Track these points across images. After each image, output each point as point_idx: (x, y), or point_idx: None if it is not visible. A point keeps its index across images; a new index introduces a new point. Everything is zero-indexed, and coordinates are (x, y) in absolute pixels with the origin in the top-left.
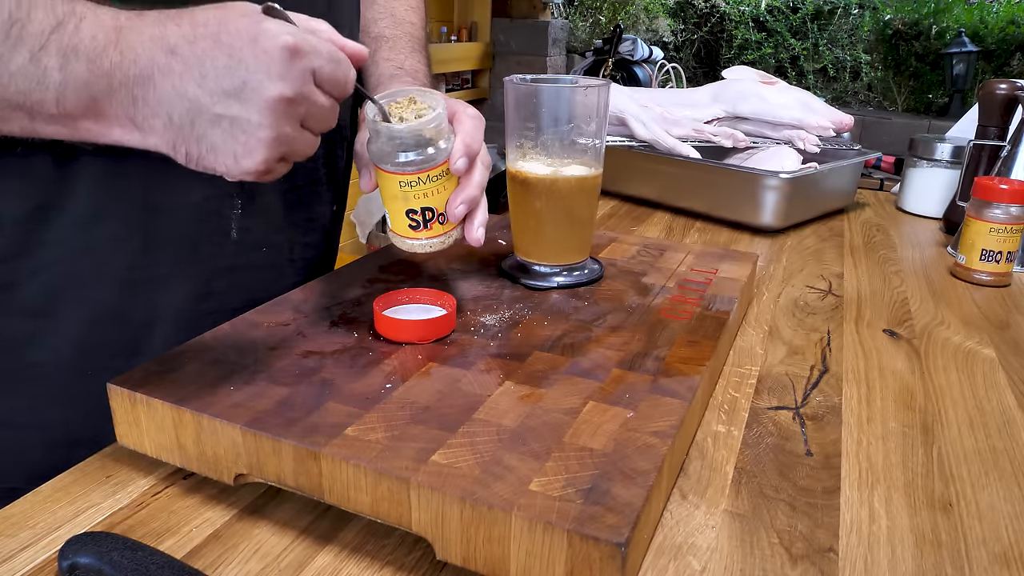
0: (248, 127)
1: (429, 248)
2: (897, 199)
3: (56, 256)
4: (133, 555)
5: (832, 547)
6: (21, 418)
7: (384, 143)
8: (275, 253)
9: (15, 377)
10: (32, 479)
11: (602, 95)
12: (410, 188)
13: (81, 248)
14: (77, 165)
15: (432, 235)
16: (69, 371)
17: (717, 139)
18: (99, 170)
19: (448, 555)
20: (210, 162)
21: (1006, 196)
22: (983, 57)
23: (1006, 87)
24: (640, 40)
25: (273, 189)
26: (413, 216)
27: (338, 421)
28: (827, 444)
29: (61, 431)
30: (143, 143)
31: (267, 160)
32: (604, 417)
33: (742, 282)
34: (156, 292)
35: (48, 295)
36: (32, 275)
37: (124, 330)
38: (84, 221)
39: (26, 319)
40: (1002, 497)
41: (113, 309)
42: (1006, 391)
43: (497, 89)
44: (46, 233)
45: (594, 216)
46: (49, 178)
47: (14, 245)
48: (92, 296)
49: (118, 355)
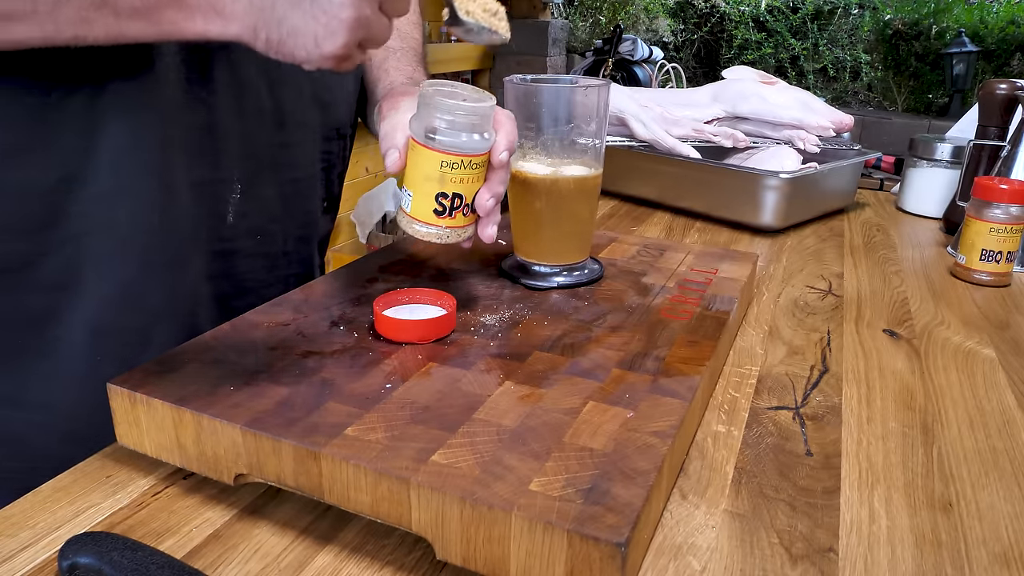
0: (330, 7)
1: (443, 238)
2: (897, 199)
3: (80, 229)
4: (133, 555)
5: (832, 547)
6: (32, 397)
7: (438, 119)
8: (269, 242)
9: (33, 353)
10: (38, 466)
11: (602, 95)
12: (451, 170)
13: (103, 223)
14: (100, 137)
15: (453, 224)
16: (81, 354)
17: (717, 139)
18: (121, 145)
19: (448, 555)
20: (290, 47)
21: (1006, 196)
22: (983, 57)
23: (1006, 87)
24: (640, 40)
25: (272, 180)
26: (442, 200)
27: (338, 421)
28: (827, 444)
29: (65, 420)
30: (224, 31)
31: (347, 44)
32: (604, 417)
33: (742, 282)
34: (170, 274)
35: (71, 269)
36: (58, 248)
37: (139, 314)
38: (106, 195)
39: (48, 293)
40: (1002, 497)
41: (131, 289)
42: (1006, 391)
43: (497, 89)
44: (72, 205)
45: (594, 216)
46: (74, 149)
47: (42, 216)
48: (110, 275)
49: (128, 343)
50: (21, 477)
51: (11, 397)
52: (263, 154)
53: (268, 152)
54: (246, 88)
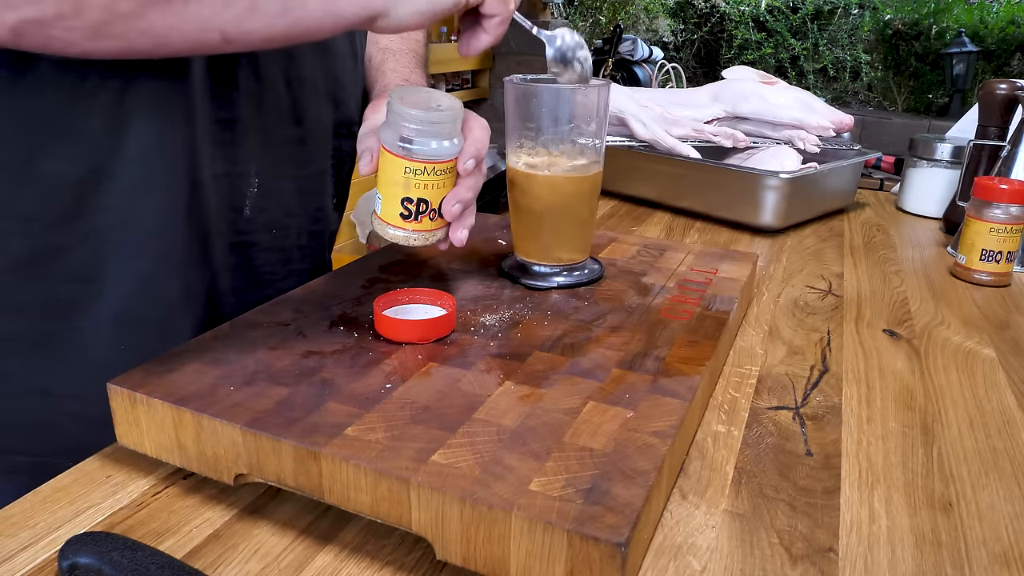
0: None
1: (411, 241)
2: (897, 199)
3: (106, 222)
4: (133, 555)
5: (832, 547)
6: (61, 387)
7: (401, 127)
8: (284, 236)
9: (61, 342)
10: (63, 453)
11: (602, 95)
12: (414, 176)
13: (129, 216)
14: (128, 130)
15: (420, 228)
16: (106, 343)
17: (717, 139)
18: (148, 140)
19: (448, 555)
20: None
21: (1006, 196)
22: (983, 57)
23: (1006, 87)
24: (640, 40)
25: (288, 175)
26: (407, 205)
27: (338, 421)
28: (827, 444)
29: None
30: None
31: None
32: (604, 417)
33: (742, 282)
34: (189, 268)
35: (97, 261)
36: (84, 239)
37: (158, 305)
38: (133, 188)
39: (75, 284)
40: (1002, 497)
41: (152, 281)
42: (1006, 391)
43: (497, 89)
44: (99, 198)
45: (594, 216)
46: (103, 144)
47: (70, 207)
48: (134, 267)
49: (152, 330)
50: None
51: (41, 387)
52: (280, 149)
53: (285, 147)
54: (266, 83)
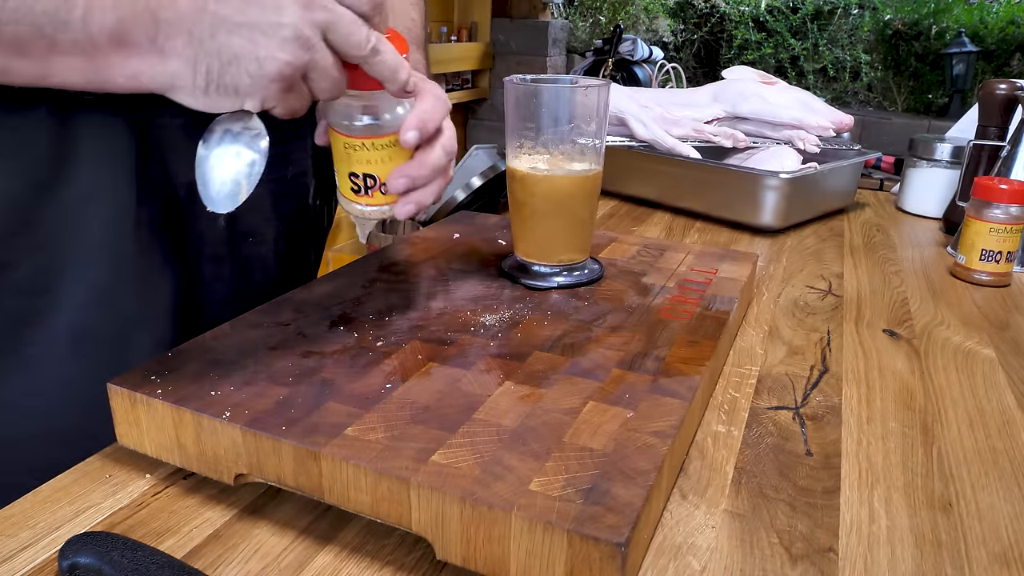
0: (269, 28)
1: (369, 216)
2: (897, 199)
3: (54, 234)
4: (133, 555)
5: (832, 547)
6: (25, 403)
7: (338, 103)
8: (262, 244)
9: (15, 356)
10: (25, 473)
11: (602, 95)
12: (354, 151)
13: (77, 228)
14: (74, 142)
15: (372, 203)
16: (65, 357)
17: (717, 139)
18: (96, 148)
19: (448, 555)
20: (232, 75)
21: (1006, 196)
22: (983, 57)
23: (1006, 87)
24: (640, 40)
25: (263, 179)
26: (355, 180)
27: (338, 421)
28: (827, 444)
29: (61, 422)
30: (162, 69)
31: (291, 63)
32: (604, 417)
33: (742, 282)
34: (146, 280)
35: (52, 271)
36: (32, 252)
37: (116, 318)
38: (80, 201)
39: (27, 297)
40: (1002, 497)
41: (107, 294)
42: (1006, 391)
43: (497, 89)
44: (44, 212)
45: (594, 216)
46: (47, 155)
47: (12, 224)
48: (87, 280)
49: (111, 344)
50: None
51: None
52: None
53: None
54: None
